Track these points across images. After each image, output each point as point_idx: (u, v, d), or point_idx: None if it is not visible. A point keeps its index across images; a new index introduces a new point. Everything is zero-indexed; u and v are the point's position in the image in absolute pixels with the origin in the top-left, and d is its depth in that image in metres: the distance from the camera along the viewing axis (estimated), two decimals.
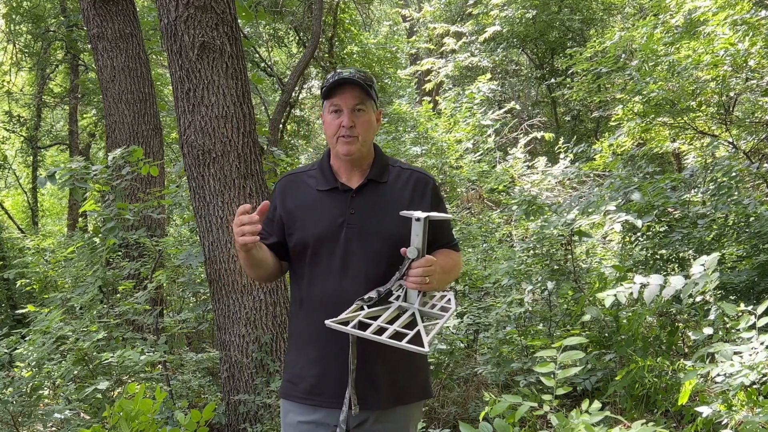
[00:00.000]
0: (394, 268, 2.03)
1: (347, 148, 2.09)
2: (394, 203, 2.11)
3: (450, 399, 4.80)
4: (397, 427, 2.14)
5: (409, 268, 1.96)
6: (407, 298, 1.98)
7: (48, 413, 3.87)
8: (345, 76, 2.07)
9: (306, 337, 2.13)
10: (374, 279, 2.04)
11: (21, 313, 5.53)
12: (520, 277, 5.19)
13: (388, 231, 2.08)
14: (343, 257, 2.08)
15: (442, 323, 1.94)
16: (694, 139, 7.35)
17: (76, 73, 14.75)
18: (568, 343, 2.61)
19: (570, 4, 12.63)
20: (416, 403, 2.19)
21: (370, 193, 2.13)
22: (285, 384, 2.19)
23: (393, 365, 2.09)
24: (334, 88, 2.08)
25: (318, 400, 2.08)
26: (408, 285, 1.97)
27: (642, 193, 4.77)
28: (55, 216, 20.01)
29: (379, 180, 2.15)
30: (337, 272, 2.07)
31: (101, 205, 5.23)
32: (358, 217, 2.09)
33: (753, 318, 2.91)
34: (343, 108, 2.08)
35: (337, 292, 2.06)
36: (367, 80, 2.10)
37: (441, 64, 13.22)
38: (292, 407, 2.14)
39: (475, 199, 9.67)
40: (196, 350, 5.70)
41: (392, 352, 2.02)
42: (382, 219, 2.10)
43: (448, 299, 2.06)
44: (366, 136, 2.11)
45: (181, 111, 4.17)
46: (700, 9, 6.86)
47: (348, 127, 2.07)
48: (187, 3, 4.05)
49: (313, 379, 2.09)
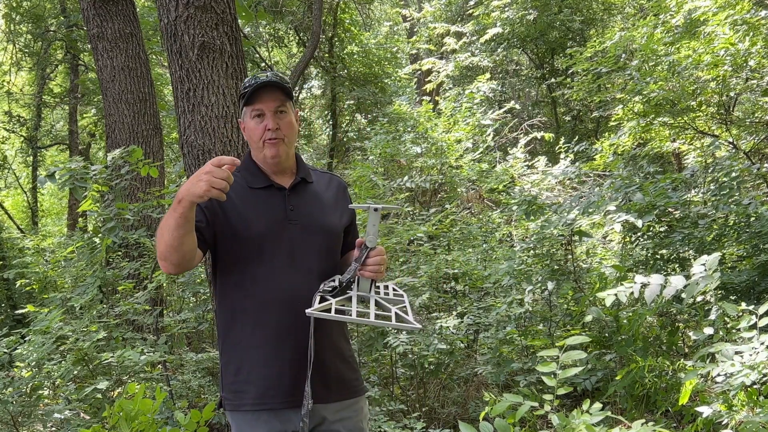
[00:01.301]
0: (334, 262, 2.13)
1: (274, 150, 2.11)
2: (325, 200, 2.22)
3: (450, 399, 4.80)
4: (353, 422, 2.16)
5: (367, 257, 2.00)
6: (360, 287, 2.02)
7: (48, 413, 3.87)
8: (263, 80, 2.09)
9: (254, 341, 2.08)
10: (321, 272, 2.09)
11: (21, 313, 5.53)
12: (520, 277, 5.19)
13: (329, 225, 2.17)
14: (290, 253, 2.09)
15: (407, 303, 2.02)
16: (695, 139, 7.35)
17: (76, 73, 14.75)
18: (570, 342, 2.60)
19: (570, 5, 12.63)
20: (362, 398, 2.23)
21: (303, 192, 2.19)
22: (230, 397, 2.11)
23: (339, 360, 2.15)
24: (253, 94, 2.09)
25: (270, 403, 2.05)
26: (365, 274, 2.01)
27: (643, 193, 4.76)
28: (55, 216, 20.02)
29: (308, 180, 2.22)
30: (286, 269, 2.07)
31: (100, 205, 5.23)
32: (297, 214, 2.13)
33: (754, 318, 2.91)
34: (265, 111, 2.10)
35: (288, 288, 2.05)
36: (285, 82, 2.13)
37: (441, 65, 13.22)
38: (243, 420, 2.09)
39: (475, 199, 9.67)
40: (196, 350, 5.69)
41: (338, 349, 2.15)
42: (321, 214, 2.17)
43: (393, 287, 2.15)
44: (290, 137, 2.15)
45: (181, 111, 4.17)
46: (700, 9, 6.86)
47: (273, 130, 2.10)
48: (187, 3, 4.05)
49: (266, 381, 2.06)
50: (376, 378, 4.77)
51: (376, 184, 7.98)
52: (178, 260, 1.96)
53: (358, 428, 2.18)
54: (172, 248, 1.92)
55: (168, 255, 1.95)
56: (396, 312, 1.90)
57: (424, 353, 4.58)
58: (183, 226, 1.88)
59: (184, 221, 1.87)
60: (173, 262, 1.96)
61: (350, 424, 2.15)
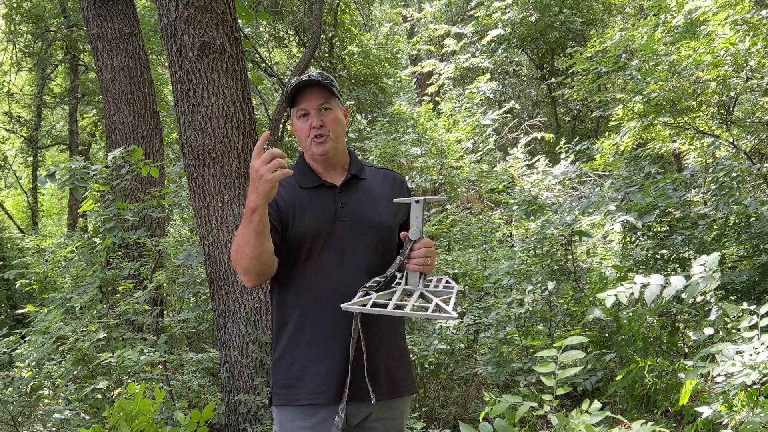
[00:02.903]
0: (387, 258, 2.09)
1: (322, 148, 2.13)
2: (378, 196, 2.19)
3: (450, 399, 4.80)
4: (394, 422, 2.16)
5: (411, 250, 2.00)
6: (408, 281, 2.01)
7: (48, 413, 3.87)
8: (305, 80, 2.11)
9: (305, 337, 2.10)
10: (372, 269, 2.08)
11: (21, 313, 5.53)
12: (520, 277, 5.19)
13: (380, 221, 2.15)
14: (340, 250, 2.10)
15: (455, 294, 1.99)
16: (695, 139, 7.34)
17: (76, 73, 14.76)
18: (569, 342, 2.60)
19: (571, 5, 12.63)
20: (408, 397, 2.23)
21: (355, 188, 2.18)
22: (281, 392, 2.13)
23: (390, 358, 2.14)
24: (297, 94, 2.11)
25: (323, 398, 2.06)
26: (411, 267, 2.00)
27: (644, 193, 4.76)
28: (55, 216, 20.02)
29: (360, 176, 2.21)
30: (336, 265, 2.09)
31: (101, 205, 5.23)
32: (348, 211, 2.13)
33: (755, 318, 2.91)
34: (309, 110, 2.11)
35: (338, 285, 2.06)
36: (328, 79, 2.14)
37: (442, 67, 13.23)
38: (291, 414, 2.10)
39: (475, 199, 9.67)
40: (196, 350, 5.70)
41: (390, 346, 2.13)
42: (372, 211, 2.16)
43: (446, 281, 2.12)
44: (337, 132, 2.15)
45: (181, 111, 4.17)
46: (700, 9, 6.86)
47: (318, 127, 2.11)
48: (187, 3, 4.05)
49: (319, 377, 2.07)
50: None
51: None
52: (261, 270, 2.01)
53: (399, 429, 2.18)
54: (255, 259, 1.97)
55: (251, 267, 1.99)
56: (436, 303, 1.87)
57: (424, 353, 4.58)
58: (262, 233, 1.92)
59: (262, 227, 1.91)
60: (257, 272, 2.01)
61: (391, 424, 2.15)
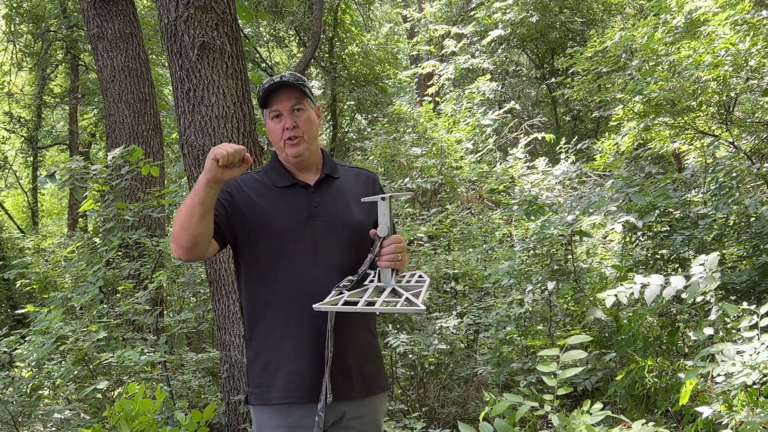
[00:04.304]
0: (361, 257, 2.09)
1: (296, 150, 2.14)
2: (351, 195, 2.20)
3: (450, 399, 4.80)
4: (370, 419, 2.18)
5: (381, 247, 2.02)
6: (381, 278, 2.02)
7: (48, 413, 3.87)
8: (277, 81, 2.12)
9: (278, 336, 2.11)
10: (345, 268, 2.09)
11: (21, 313, 5.53)
12: (520, 277, 5.19)
13: (353, 220, 2.16)
14: (313, 249, 2.11)
15: (426, 287, 2.00)
16: (695, 139, 7.34)
17: (77, 74, 14.76)
18: (571, 342, 2.60)
19: (570, 5, 12.63)
20: (383, 395, 2.25)
21: (328, 188, 2.20)
22: (256, 391, 2.14)
23: (362, 356, 2.16)
24: (269, 96, 2.12)
25: (296, 397, 2.07)
26: (382, 264, 2.02)
27: (644, 193, 4.76)
28: (55, 216, 20.02)
29: (333, 175, 2.22)
30: (309, 264, 2.10)
31: (101, 205, 5.23)
32: (322, 210, 2.15)
33: (755, 318, 2.91)
34: (282, 111, 2.13)
35: (311, 283, 2.07)
36: (299, 80, 2.15)
37: (442, 68, 13.23)
38: (267, 414, 2.12)
39: (475, 200, 9.67)
40: (196, 350, 5.69)
41: (362, 344, 2.15)
42: (345, 210, 2.18)
43: (419, 275, 2.13)
44: (310, 133, 2.16)
45: (181, 111, 4.17)
46: (700, 9, 6.86)
47: (291, 128, 2.12)
48: (187, 3, 4.05)
49: (290, 376, 2.08)
50: None
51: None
52: (188, 243, 1.99)
53: (376, 425, 2.20)
54: (183, 228, 1.97)
55: (179, 235, 1.99)
56: (407, 297, 1.88)
57: (424, 353, 4.58)
58: (197, 206, 1.93)
59: (198, 201, 1.92)
60: (183, 244, 1.99)
61: (368, 421, 2.17)
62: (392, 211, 2.07)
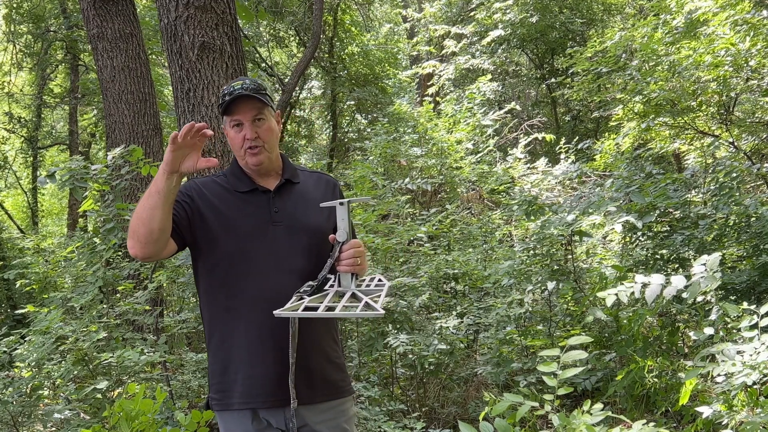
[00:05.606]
0: (321, 262, 2.10)
1: (256, 159, 2.15)
2: (311, 200, 2.21)
3: (450, 399, 4.80)
4: (335, 422, 2.17)
5: (340, 252, 2.03)
6: (341, 283, 2.04)
7: (48, 413, 3.87)
8: (238, 91, 2.11)
9: (239, 341, 2.10)
10: (306, 272, 2.10)
11: (21, 313, 5.52)
12: (520, 277, 5.19)
13: (314, 225, 2.18)
14: (275, 254, 2.11)
15: (384, 292, 2.02)
16: (695, 140, 7.34)
17: (76, 74, 14.77)
18: (572, 342, 2.60)
19: (570, 5, 12.63)
20: (348, 399, 2.24)
21: (288, 193, 2.21)
22: (217, 397, 2.14)
23: (324, 361, 2.16)
24: (230, 104, 2.12)
25: (255, 403, 2.07)
26: (342, 269, 2.03)
27: (644, 194, 4.76)
28: (55, 216, 20.02)
29: (293, 180, 2.24)
30: (270, 270, 2.10)
31: (101, 205, 5.22)
32: (282, 215, 2.16)
33: (755, 318, 2.91)
34: (243, 121, 2.13)
35: (272, 289, 2.07)
36: (260, 90, 2.14)
37: (442, 68, 13.22)
38: (231, 418, 2.12)
39: (475, 200, 9.67)
40: (196, 350, 5.69)
41: (324, 349, 2.15)
42: (306, 215, 2.19)
43: (378, 279, 2.15)
44: (271, 142, 2.17)
45: (181, 111, 4.18)
46: (700, 9, 6.86)
47: (252, 139, 2.13)
48: (187, 3, 4.05)
49: (250, 381, 2.08)
50: (376, 378, 4.76)
51: (377, 184, 7.98)
52: (146, 237, 1.96)
53: (341, 429, 2.19)
54: (141, 221, 1.95)
55: (136, 229, 1.97)
56: (366, 301, 1.90)
57: (424, 353, 4.58)
58: (155, 196, 1.92)
59: (156, 191, 1.92)
60: (139, 238, 1.97)
61: (333, 425, 2.16)
62: (351, 215, 2.09)
